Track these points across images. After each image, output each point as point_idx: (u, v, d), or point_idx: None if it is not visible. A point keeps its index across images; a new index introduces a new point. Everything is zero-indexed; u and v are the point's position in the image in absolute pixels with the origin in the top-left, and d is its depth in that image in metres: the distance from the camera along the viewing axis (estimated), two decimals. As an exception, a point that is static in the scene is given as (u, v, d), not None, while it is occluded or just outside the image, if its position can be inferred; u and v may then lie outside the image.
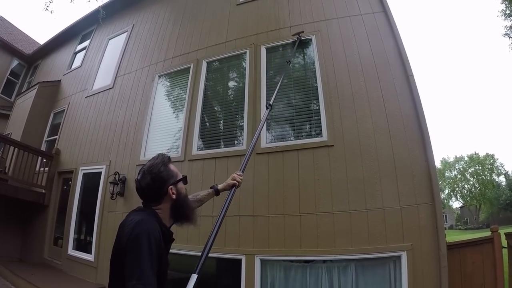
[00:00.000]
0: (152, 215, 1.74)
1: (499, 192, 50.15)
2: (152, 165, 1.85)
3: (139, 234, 1.54)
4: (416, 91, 4.91)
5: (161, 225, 1.73)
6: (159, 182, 1.81)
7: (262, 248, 4.84)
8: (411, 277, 4.04)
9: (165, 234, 1.72)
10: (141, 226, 1.59)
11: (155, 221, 1.69)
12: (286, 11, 6.67)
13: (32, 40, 17.52)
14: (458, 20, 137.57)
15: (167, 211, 1.85)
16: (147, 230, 1.57)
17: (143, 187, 1.82)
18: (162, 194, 1.82)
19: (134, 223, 1.61)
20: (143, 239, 1.52)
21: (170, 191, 1.83)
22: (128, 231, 1.58)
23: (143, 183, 1.81)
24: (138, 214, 1.74)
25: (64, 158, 8.96)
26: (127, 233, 1.57)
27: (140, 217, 1.66)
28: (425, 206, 4.30)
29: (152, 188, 1.80)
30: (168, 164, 1.91)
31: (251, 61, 6.34)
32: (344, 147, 4.94)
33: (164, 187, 1.82)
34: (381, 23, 5.70)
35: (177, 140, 6.45)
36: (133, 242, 1.52)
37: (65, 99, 10.36)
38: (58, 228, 8.34)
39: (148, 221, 1.65)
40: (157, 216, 1.76)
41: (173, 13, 8.62)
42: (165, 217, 1.83)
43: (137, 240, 1.52)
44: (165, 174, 1.84)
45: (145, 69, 8.06)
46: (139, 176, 1.84)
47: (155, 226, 1.65)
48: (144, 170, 1.85)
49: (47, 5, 10.66)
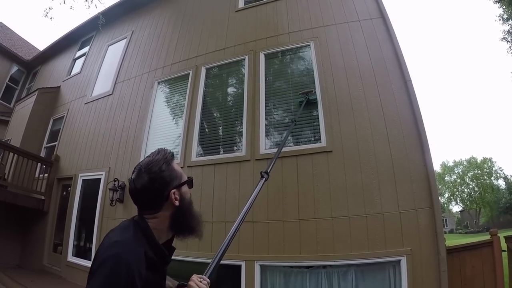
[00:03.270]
0: (139, 232, 1.35)
1: (498, 195, 50.14)
2: (151, 161, 1.43)
3: (107, 259, 1.19)
4: (414, 96, 4.94)
5: (150, 246, 1.33)
6: (159, 184, 1.39)
7: (262, 254, 4.84)
8: (410, 281, 4.04)
9: (152, 261, 1.30)
10: (113, 248, 1.22)
11: (138, 243, 1.28)
12: (284, 18, 6.71)
13: (31, 46, 17.54)
14: (456, 25, 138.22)
15: (165, 221, 1.43)
16: (119, 256, 1.18)
17: (138, 190, 1.39)
18: (162, 199, 1.40)
19: (109, 244, 1.26)
20: (106, 268, 1.16)
21: (173, 196, 1.42)
22: (100, 252, 1.25)
23: (138, 184, 1.39)
24: (121, 230, 1.38)
25: (63, 165, 8.96)
26: (98, 254, 1.25)
27: (118, 237, 1.29)
28: (424, 211, 4.31)
29: (150, 191, 1.39)
30: (171, 162, 1.48)
31: (250, 67, 6.37)
32: (343, 153, 4.95)
33: (166, 191, 1.40)
34: (379, 29, 5.73)
35: (176, 147, 6.46)
36: (99, 267, 1.19)
37: (64, 106, 10.37)
38: (57, 234, 8.32)
39: (127, 243, 1.26)
40: (146, 233, 1.36)
41: (172, 20, 8.67)
42: (161, 229, 1.43)
43: (103, 265, 1.18)
44: (167, 174, 1.42)
45: (144, 76, 8.09)
46: (134, 175, 1.42)
47: (136, 251, 1.24)
48: (140, 167, 1.42)
49: (46, 12, 10.70)
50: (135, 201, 1.44)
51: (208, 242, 5.01)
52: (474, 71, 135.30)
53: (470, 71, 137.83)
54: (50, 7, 10.72)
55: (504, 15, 17.10)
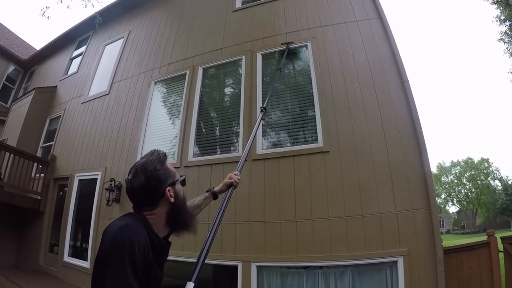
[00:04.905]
0: (139, 220, 1.48)
1: (495, 196, 50.30)
2: (146, 162, 1.56)
3: (121, 242, 1.29)
4: (411, 97, 4.94)
5: (150, 232, 1.46)
6: (155, 182, 1.53)
7: (259, 255, 4.83)
8: (407, 282, 4.04)
9: (154, 243, 1.45)
10: (123, 232, 1.34)
11: (142, 227, 1.43)
12: (281, 18, 6.71)
13: (28, 46, 17.47)
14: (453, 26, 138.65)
15: (162, 217, 1.57)
16: (130, 237, 1.31)
17: (135, 188, 1.52)
18: (158, 196, 1.54)
19: (116, 230, 1.37)
20: (125, 248, 1.27)
21: (168, 193, 1.56)
22: (109, 239, 1.35)
23: (135, 183, 1.52)
24: (122, 219, 1.50)
25: (59, 165, 8.92)
26: (108, 241, 1.34)
27: (124, 222, 1.43)
28: (421, 211, 4.31)
29: (146, 189, 1.52)
30: (165, 162, 1.63)
31: (247, 68, 6.36)
32: (339, 153, 4.95)
33: (161, 188, 1.54)
34: (376, 30, 5.74)
35: (173, 147, 6.45)
36: (113, 252, 1.28)
37: (61, 105, 10.33)
38: (53, 234, 8.29)
39: (133, 226, 1.41)
40: (146, 222, 1.49)
41: (169, 20, 8.65)
42: (159, 224, 1.56)
43: (118, 250, 1.28)
44: (162, 173, 1.56)
45: (141, 75, 8.07)
46: (131, 175, 1.55)
47: (141, 232, 1.40)
48: (137, 168, 1.56)
49: (43, 11, 10.69)
50: (133, 200, 1.57)
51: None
52: (471, 72, 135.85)
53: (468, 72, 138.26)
54: (47, 6, 10.71)
55: (501, 16, 17.16)
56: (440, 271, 3.99)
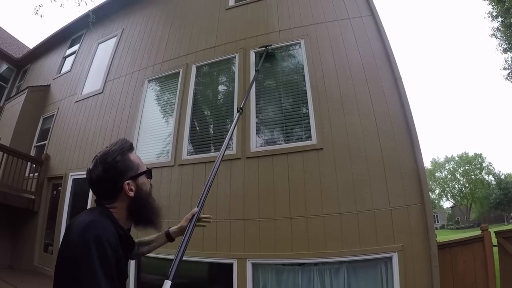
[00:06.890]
0: (105, 215, 1.39)
1: (489, 191, 50.66)
2: (107, 152, 1.47)
3: (90, 240, 1.20)
4: (404, 93, 4.96)
5: (117, 227, 1.39)
6: (112, 174, 1.43)
7: (254, 252, 4.84)
8: (402, 277, 4.07)
9: (122, 239, 1.38)
10: (91, 229, 1.25)
11: (109, 223, 1.35)
12: (275, 16, 6.70)
13: (21, 44, 17.33)
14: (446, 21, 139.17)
15: (123, 211, 1.48)
16: (99, 234, 1.23)
17: (93, 180, 1.44)
18: (117, 190, 1.45)
19: (83, 226, 1.27)
20: (95, 246, 1.19)
21: (127, 187, 1.45)
22: (76, 236, 1.24)
23: (94, 175, 1.43)
24: (88, 213, 1.42)
25: (53, 164, 8.88)
26: (75, 239, 1.24)
27: (91, 218, 1.34)
28: (415, 207, 4.34)
29: (104, 182, 1.44)
30: (127, 153, 1.52)
31: (241, 66, 6.35)
32: (333, 150, 4.96)
33: (119, 182, 1.44)
34: (369, 27, 5.75)
35: (167, 145, 6.43)
36: (82, 252, 1.18)
37: (54, 104, 10.28)
38: (48, 234, 8.24)
39: (100, 222, 1.32)
40: (111, 217, 1.41)
41: (162, 18, 8.61)
42: (120, 218, 1.46)
43: (87, 249, 1.18)
44: (121, 165, 1.46)
45: (134, 74, 8.03)
46: (91, 166, 1.46)
47: (109, 228, 1.32)
48: (97, 158, 1.47)
49: (37, 9, 10.61)
50: (93, 191, 1.49)
51: (199, 239, 5.02)
52: (465, 68, 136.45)
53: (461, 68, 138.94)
54: (40, 4, 10.58)
55: (493, 12, 17.26)
56: (435, 266, 4.01)
